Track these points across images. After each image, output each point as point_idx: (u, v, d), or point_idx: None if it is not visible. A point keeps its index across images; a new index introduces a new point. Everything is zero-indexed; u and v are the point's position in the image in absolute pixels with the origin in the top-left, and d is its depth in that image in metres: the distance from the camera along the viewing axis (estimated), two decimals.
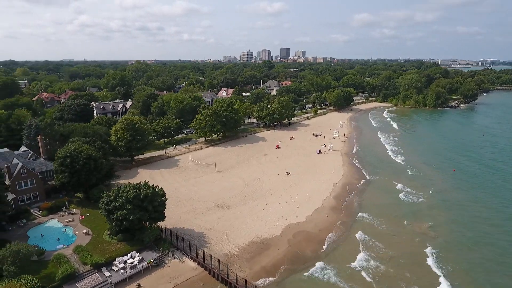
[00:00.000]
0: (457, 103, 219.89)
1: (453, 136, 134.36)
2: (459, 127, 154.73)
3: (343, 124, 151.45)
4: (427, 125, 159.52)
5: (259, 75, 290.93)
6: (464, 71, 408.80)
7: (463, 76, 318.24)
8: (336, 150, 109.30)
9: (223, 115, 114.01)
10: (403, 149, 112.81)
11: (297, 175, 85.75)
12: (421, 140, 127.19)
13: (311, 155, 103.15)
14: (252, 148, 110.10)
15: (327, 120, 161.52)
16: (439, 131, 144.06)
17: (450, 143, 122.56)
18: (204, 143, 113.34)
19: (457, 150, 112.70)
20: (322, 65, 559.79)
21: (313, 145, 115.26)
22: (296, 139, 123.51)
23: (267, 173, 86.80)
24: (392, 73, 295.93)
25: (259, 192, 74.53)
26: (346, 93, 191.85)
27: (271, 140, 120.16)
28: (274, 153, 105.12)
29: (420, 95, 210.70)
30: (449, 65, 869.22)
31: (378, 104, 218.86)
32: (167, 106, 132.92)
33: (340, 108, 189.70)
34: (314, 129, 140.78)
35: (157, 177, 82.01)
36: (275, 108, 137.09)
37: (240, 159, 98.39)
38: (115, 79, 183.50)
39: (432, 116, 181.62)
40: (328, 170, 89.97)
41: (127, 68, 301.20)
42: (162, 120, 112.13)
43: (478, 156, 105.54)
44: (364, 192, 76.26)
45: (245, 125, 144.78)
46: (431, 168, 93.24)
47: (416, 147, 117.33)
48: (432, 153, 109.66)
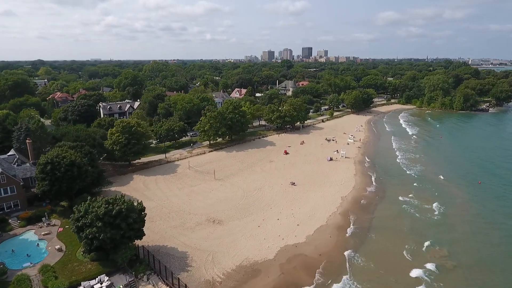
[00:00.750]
0: (488, 106, 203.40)
1: (482, 144, 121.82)
2: (489, 134, 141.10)
3: (360, 128, 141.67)
4: (453, 130, 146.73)
5: (276, 75, 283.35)
6: (497, 71, 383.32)
7: (495, 77, 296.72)
8: (349, 157, 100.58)
9: (229, 117, 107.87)
10: (424, 158, 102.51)
11: (303, 185, 78.20)
12: (446, 148, 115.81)
13: (321, 163, 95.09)
14: (258, 153, 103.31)
15: (343, 123, 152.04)
16: (466, 139, 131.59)
17: (478, 153, 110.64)
18: (208, 147, 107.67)
19: (485, 163, 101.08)
20: (344, 64, 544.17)
21: (325, 151, 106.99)
22: (307, 144, 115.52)
23: (270, 182, 79.77)
24: (417, 73, 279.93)
25: (258, 205, 67.70)
26: (365, 94, 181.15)
27: (280, 145, 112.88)
28: (281, 159, 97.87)
29: (447, 97, 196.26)
30: (481, 65, 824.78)
31: (400, 107, 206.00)
32: (174, 107, 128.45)
33: (358, 111, 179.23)
34: (328, 133, 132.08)
35: (151, 184, 76.89)
36: (286, 110, 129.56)
37: (244, 165, 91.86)
38: (127, 79, 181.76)
39: (460, 120, 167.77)
40: (338, 180, 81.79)
41: (144, 67, 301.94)
42: (165, 122, 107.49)
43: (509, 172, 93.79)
44: (376, 209, 67.72)
45: (255, 127, 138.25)
46: (455, 182, 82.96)
47: (440, 155, 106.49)
48: (457, 164, 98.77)
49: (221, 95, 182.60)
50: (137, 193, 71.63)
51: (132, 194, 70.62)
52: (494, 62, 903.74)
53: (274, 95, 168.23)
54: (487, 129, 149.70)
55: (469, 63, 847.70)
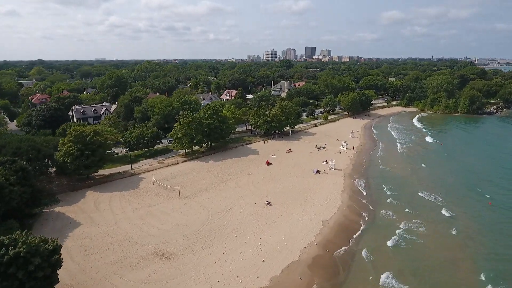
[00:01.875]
0: (496, 108, 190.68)
1: (490, 153, 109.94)
2: (498, 140, 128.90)
3: (355, 133, 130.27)
4: (457, 136, 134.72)
5: (272, 75, 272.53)
6: (504, 71, 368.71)
7: (503, 77, 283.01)
8: (339, 169, 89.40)
9: (206, 123, 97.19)
10: (423, 169, 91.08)
11: (280, 205, 67.29)
12: (449, 158, 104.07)
13: (306, 176, 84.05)
14: (237, 163, 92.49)
15: (338, 128, 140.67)
16: (472, 146, 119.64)
17: (485, 164, 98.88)
18: (183, 156, 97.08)
19: (493, 176, 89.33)
20: (346, 64, 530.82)
21: (313, 161, 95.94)
22: (295, 152, 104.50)
23: (242, 201, 68.95)
24: (421, 73, 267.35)
25: (221, 232, 56.92)
26: (363, 96, 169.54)
27: (263, 154, 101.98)
28: (261, 171, 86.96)
29: (451, 99, 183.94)
30: (487, 65, 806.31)
31: (402, 109, 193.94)
32: (151, 111, 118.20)
33: (355, 114, 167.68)
34: (320, 139, 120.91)
35: (103, 204, 66.43)
36: (273, 114, 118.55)
37: (217, 179, 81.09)
38: (111, 80, 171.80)
39: (465, 124, 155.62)
40: (322, 198, 70.75)
41: (136, 67, 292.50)
42: (136, 129, 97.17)
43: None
44: (363, 239, 56.61)
45: (241, 133, 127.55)
46: (462, 203, 71.50)
47: (441, 166, 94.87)
48: (463, 178, 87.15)
49: (210, 96, 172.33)
50: (82, 215, 61.24)
51: (76, 217, 60.29)
52: (501, 62, 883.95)
53: (264, 97, 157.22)
54: (494, 134, 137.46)
55: (475, 62, 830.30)
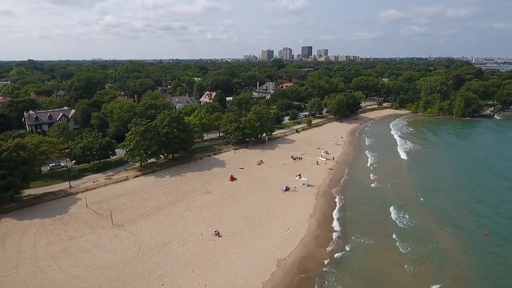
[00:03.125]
0: (493, 110, 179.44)
1: (487, 163, 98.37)
2: (496, 148, 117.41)
3: (339, 140, 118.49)
4: (452, 143, 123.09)
5: (260, 76, 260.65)
6: (502, 70, 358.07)
7: (500, 77, 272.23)
8: (312, 185, 77.63)
9: (163, 132, 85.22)
10: (414, 186, 79.34)
11: (231, 236, 55.44)
12: (442, 171, 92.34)
13: (273, 194, 72.25)
14: (197, 179, 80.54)
15: (321, 134, 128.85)
16: (467, 156, 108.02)
17: (482, 178, 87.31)
18: (137, 170, 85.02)
19: (491, 195, 77.74)
20: (341, 64, 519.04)
21: (285, 175, 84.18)
22: (266, 164, 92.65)
23: (187, 231, 57.08)
24: (415, 73, 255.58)
25: (146, 278, 45.01)
26: (350, 98, 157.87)
27: (231, 166, 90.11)
28: (222, 189, 75.08)
29: (446, 101, 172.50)
30: (485, 64, 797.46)
31: (393, 112, 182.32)
32: (110, 117, 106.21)
33: (343, 117, 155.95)
34: (299, 147, 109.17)
35: (13, 236, 54.37)
36: (246, 120, 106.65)
37: (167, 200, 69.14)
38: (80, 81, 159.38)
39: (460, 128, 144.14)
40: (284, 226, 58.98)
41: (118, 67, 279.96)
42: (83, 138, 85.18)
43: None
44: (325, 285, 44.81)
45: (212, 140, 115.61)
46: (456, 233, 59.84)
47: (433, 183, 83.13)
48: (457, 199, 75.45)
49: (186, 99, 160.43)
50: None
51: None
52: (498, 61, 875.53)
53: (244, 99, 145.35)
54: (492, 140, 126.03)
55: (472, 62, 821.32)
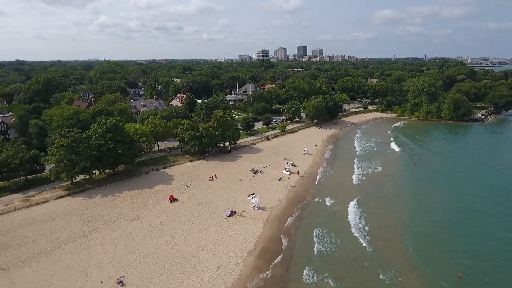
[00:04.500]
0: (485, 114, 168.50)
1: (473, 177, 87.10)
2: (484, 157, 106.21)
3: (312, 148, 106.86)
4: (435, 151, 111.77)
5: (243, 77, 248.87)
6: (496, 71, 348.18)
7: (494, 77, 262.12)
8: (265, 207, 65.94)
9: (95, 145, 73.21)
10: (386, 207, 67.83)
11: (138, 285, 43.57)
12: (421, 186, 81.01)
13: (214, 221, 60.47)
14: (131, 200, 68.60)
15: (294, 141, 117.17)
16: (450, 166, 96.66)
17: (464, 194, 75.95)
18: (65, 189, 72.89)
19: (473, 216, 66.42)
20: (335, 63, 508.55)
21: (238, 193, 72.43)
22: (220, 179, 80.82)
23: (85, 277, 45.08)
24: (405, 73, 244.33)
25: None
26: (330, 101, 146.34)
27: (178, 182, 78.24)
28: (155, 213, 63.18)
29: (434, 103, 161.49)
30: (480, 64, 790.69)
31: (378, 115, 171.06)
32: (50, 124, 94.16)
33: (322, 122, 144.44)
34: (264, 158, 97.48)
35: None
36: (204, 128, 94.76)
37: (82, 230, 57.09)
38: (39, 83, 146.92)
39: (445, 134, 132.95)
40: (213, 266, 47.17)
41: (95, 68, 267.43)
42: (2, 152, 73.04)
43: None
44: None
45: (172, 149, 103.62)
46: (424, 274, 48.32)
47: (409, 202, 71.71)
48: (433, 224, 64.05)
49: (153, 103, 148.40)
50: None
51: None
52: (493, 61, 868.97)
53: (213, 103, 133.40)
54: (480, 147, 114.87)
55: (467, 62, 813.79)
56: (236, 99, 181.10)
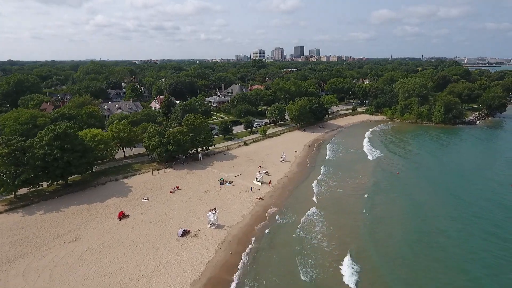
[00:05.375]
0: (478, 116, 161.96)
1: (461, 191, 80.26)
2: (473, 165, 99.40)
3: (290, 155, 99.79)
4: (420, 158, 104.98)
5: (232, 78, 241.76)
6: (492, 71, 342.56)
7: (489, 78, 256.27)
8: (224, 225, 58.85)
9: (40, 154, 65.93)
10: (366, 225, 60.88)
11: None
12: (403, 200, 74.13)
13: (163, 242, 53.30)
14: (76, 217, 61.25)
15: (273, 147, 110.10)
16: (434, 176, 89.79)
17: (450, 214, 69.10)
18: (6, 203, 65.57)
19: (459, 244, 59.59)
20: (329, 64, 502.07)
21: (198, 208, 65.31)
22: (183, 191, 73.65)
23: None
24: (397, 74, 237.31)
25: None
26: (315, 104, 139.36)
27: (135, 195, 71.03)
28: (98, 233, 55.92)
29: (425, 105, 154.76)
30: (477, 64, 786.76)
31: (367, 117, 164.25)
32: (2, 130, 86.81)
33: (307, 125, 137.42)
34: (237, 166, 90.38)
35: None
36: (171, 134, 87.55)
37: (6, 255, 49.76)
38: (9, 84, 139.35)
39: (435, 138, 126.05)
40: None
41: (79, 68, 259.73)
42: None
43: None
44: None
45: (140, 156, 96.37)
46: None
47: (389, 221, 64.80)
48: (414, 251, 57.13)
49: (129, 105, 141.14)
50: None
51: None
52: (491, 61, 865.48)
53: (190, 106, 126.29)
54: (470, 154, 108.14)
55: (464, 62, 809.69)
56: (220, 100, 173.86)
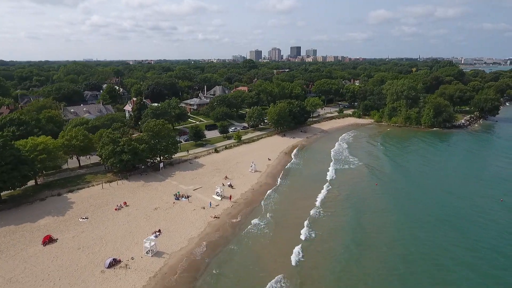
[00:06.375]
0: (469, 120, 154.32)
1: (449, 205, 72.48)
2: (462, 175, 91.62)
3: (262, 164, 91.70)
4: (402, 167, 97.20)
5: (219, 79, 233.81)
6: (488, 71, 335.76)
7: (483, 79, 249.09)
8: (164, 252, 50.77)
9: None
10: (335, 244, 52.93)
11: None
12: (378, 216, 66.24)
13: (85, 275, 45.23)
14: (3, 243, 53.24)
15: (246, 154, 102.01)
16: (415, 187, 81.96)
17: (433, 231, 61.29)
18: None
19: None
20: (325, 64, 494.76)
21: (142, 230, 57.29)
22: (131, 207, 65.56)
23: None
24: (388, 74, 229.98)
25: None
26: (296, 107, 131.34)
27: (73, 213, 62.89)
28: (15, 263, 47.79)
29: (414, 108, 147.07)
30: (474, 64, 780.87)
31: (354, 121, 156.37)
32: None
33: (288, 130, 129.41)
34: (201, 176, 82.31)
35: None
36: (125, 142, 79.35)
37: None
38: None
39: (422, 144, 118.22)
40: None
41: (60, 69, 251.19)
42: None
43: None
44: None
45: (96, 165, 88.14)
46: None
47: (360, 240, 56.92)
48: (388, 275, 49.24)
49: (98, 109, 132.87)
50: None
51: None
52: (488, 61, 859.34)
53: (161, 109, 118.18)
54: (456, 164, 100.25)
55: (461, 62, 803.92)
56: (200, 103, 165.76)
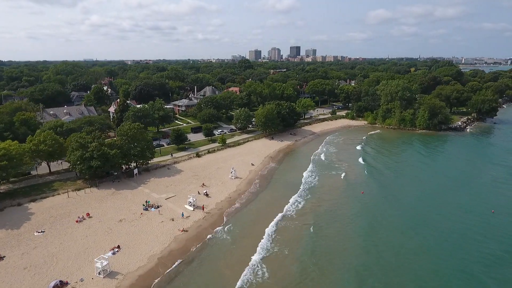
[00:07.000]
0: (466, 121, 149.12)
1: (440, 218, 67.46)
2: (457, 182, 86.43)
3: (243, 170, 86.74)
4: (393, 173, 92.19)
5: (211, 79, 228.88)
6: (487, 71, 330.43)
7: (482, 79, 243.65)
8: (118, 272, 45.86)
9: None
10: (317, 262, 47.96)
11: None
12: (365, 229, 61.26)
13: None
14: None
15: (230, 158, 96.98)
16: (402, 197, 76.94)
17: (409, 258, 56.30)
18: None
19: None
20: (326, 64, 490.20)
21: (99, 245, 52.39)
22: (94, 219, 60.65)
23: None
24: (384, 74, 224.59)
25: None
26: (285, 109, 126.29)
27: (29, 226, 57.98)
28: None
29: (409, 110, 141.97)
30: (474, 64, 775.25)
31: (347, 122, 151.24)
32: None
33: (276, 132, 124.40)
34: (177, 183, 77.43)
35: None
36: (95, 146, 74.42)
37: None
38: None
39: (415, 147, 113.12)
40: None
41: (50, 69, 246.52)
42: None
43: None
44: None
45: (65, 173, 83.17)
46: None
47: (345, 257, 51.91)
48: None
49: (81, 110, 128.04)
50: None
51: None
52: (488, 61, 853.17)
53: (142, 111, 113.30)
54: (454, 168, 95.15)
55: (462, 62, 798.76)
56: (188, 104, 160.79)
